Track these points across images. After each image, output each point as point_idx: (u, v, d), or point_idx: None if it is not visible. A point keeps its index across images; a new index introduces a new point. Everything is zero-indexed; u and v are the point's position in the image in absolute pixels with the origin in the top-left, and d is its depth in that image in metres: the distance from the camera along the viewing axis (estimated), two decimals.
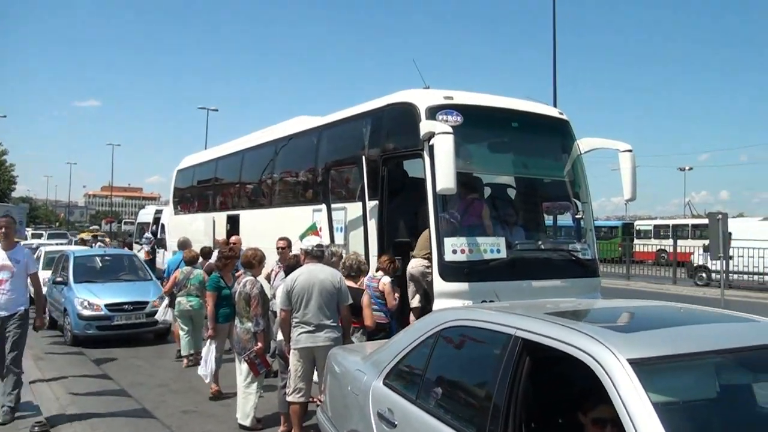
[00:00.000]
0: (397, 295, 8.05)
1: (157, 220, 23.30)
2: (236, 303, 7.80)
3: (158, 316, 12.45)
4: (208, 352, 8.62)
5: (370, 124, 9.55)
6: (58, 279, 13.88)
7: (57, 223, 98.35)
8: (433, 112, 8.12)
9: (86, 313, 12.51)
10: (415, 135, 8.11)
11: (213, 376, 8.70)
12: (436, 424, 3.68)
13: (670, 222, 46.12)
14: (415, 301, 8.22)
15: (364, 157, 9.03)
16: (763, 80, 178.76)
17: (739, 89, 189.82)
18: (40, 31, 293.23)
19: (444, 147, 7.37)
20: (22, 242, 29.93)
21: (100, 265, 14.71)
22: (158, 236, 22.86)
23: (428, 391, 4.03)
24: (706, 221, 41.41)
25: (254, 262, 7.90)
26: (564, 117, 9.51)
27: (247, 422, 7.53)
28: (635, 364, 2.87)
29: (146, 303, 12.95)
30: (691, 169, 69.12)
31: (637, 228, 45.79)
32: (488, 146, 9.33)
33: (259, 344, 7.51)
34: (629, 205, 65.55)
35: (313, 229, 10.13)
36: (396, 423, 4.03)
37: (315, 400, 6.78)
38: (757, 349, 3.29)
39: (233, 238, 12.79)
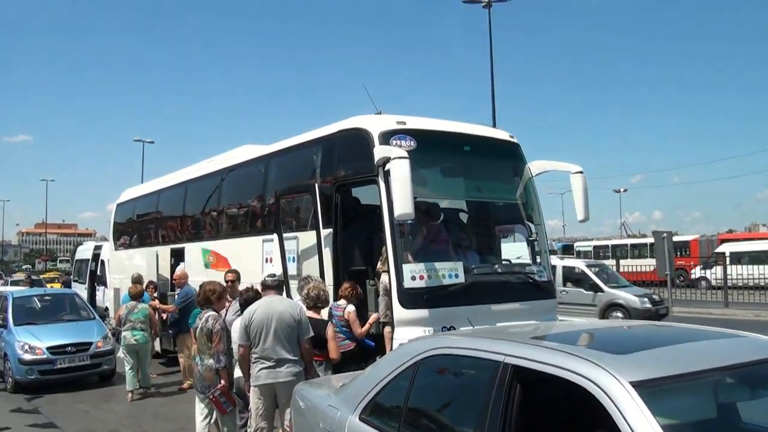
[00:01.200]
0: (371, 321, 7.92)
1: (96, 257, 22.56)
2: (197, 339, 7.38)
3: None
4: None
5: (321, 151, 9.43)
6: None
7: None
8: (386, 138, 8.05)
9: (27, 357, 11.89)
10: (368, 161, 8.02)
11: None
12: None
13: (609, 243, 47.08)
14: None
15: (316, 185, 8.86)
16: (693, 100, 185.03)
17: (670, 110, 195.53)
18: None
19: (400, 172, 7.29)
20: None
21: (40, 305, 14.08)
22: (98, 273, 22.19)
23: (411, 424, 3.86)
24: (643, 241, 42.68)
25: (213, 298, 7.47)
26: (515, 140, 9.56)
27: None
28: (638, 386, 2.79)
29: (90, 344, 12.37)
30: (626, 190, 70.96)
31: (577, 249, 46.66)
32: (441, 171, 9.30)
33: (223, 381, 7.11)
34: (566, 227, 67.19)
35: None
36: None
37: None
38: (753, 364, 3.24)
39: (177, 272, 12.49)
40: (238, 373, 6.97)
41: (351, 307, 7.79)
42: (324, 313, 7.56)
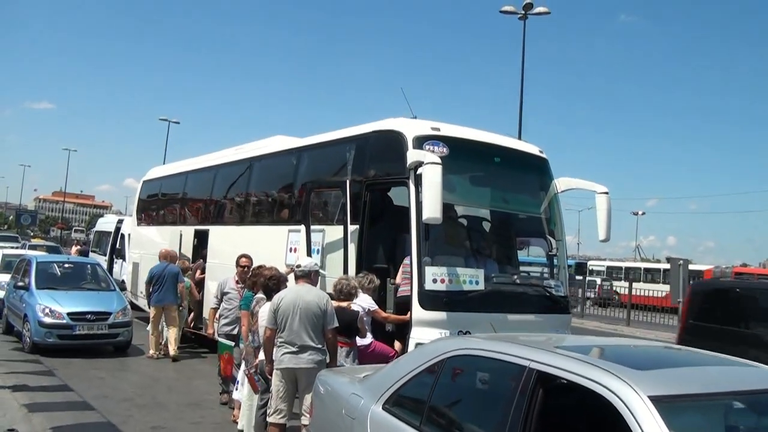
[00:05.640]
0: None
1: (117, 230, 22.91)
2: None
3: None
4: (244, 374, 8.06)
5: (354, 148, 9.63)
6: (20, 284, 13.57)
7: (6, 226, 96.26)
8: (420, 142, 8.24)
9: (48, 320, 12.20)
10: (400, 163, 8.22)
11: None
12: None
13: (623, 264, 47.11)
14: None
15: (347, 182, 9.08)
16: (717, 131, 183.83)
17: (693, 138, 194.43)
18: None
19: (432, 177, 7.49)
20: None
21: (62, 272, 14.41)
22: (117, 246, 22.55)
23: (434, 418, 4.07)
24: (657, 266, 42.58)
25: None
26: (544, 156, 9.74)
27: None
28: (656, 400, 2.99)
29: (109, 314, 12.65)
30: (644, 214, 70.97)
31: (590, 268, 46.63)
32: (470, 179, 9.49)
33: (258, 359, 7.41)
34: (581, 245, 67.22)
35: None
36: None
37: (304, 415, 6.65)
38: (762, 393, 3.46)
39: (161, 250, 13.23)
40: (262, 355, 7.22)
41: None
42: (356, 306, 7.75)
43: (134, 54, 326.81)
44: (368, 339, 7.81)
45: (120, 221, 23.44)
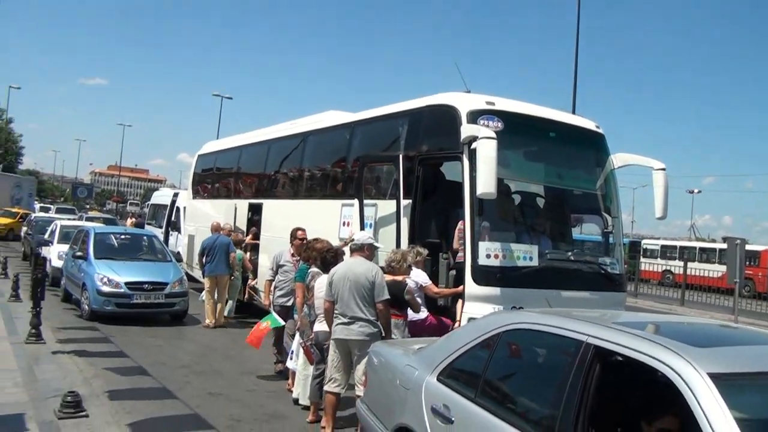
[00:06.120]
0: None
1: (173, 203, 23.20)
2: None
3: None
4: (299, 345, 8.21)
5: (407, 123, 9.59)
6: (78, 254, 13.93)
7: (62, 198, 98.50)
8: (474, 117, 8.18)
9: (106, 289, 12.54)
10: (454, 138, 8.18)
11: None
12: (498, 423, 3.73)
13: (678, 243, 46.18)
14: None
15: (400, 156, 9.06)
16: None
17: (755, 115, 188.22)
18: (45, 3, 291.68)
19: (487, 152, 7.44)
20: (33, 215, 30.32)
21: (119, 243, 14.76)
22: (173, 219, 22.86)
23: (488, 391, 4.09)
24: (713, 245, 41.62)
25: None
26: (600, 131, 9.57)
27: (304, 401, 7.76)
28: (715, 378, 2.95)
29: (166, 284, 13.00)
30: (699, 192, 69.18)
31: (644, 247, 45.78)
32: (525, 154, 9.38)
33: (314, 332, 7.58)
34: (635, 223, 65.91)
35: None
36: (453, 419, 4.08)
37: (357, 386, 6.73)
38: None
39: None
40: (317, 326, 7.40)
41: None
42: (409, 280, 7.75)
43: (187, 30, 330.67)
44: (423, 313, 7.85)
45: (176, 194, 23.69)
